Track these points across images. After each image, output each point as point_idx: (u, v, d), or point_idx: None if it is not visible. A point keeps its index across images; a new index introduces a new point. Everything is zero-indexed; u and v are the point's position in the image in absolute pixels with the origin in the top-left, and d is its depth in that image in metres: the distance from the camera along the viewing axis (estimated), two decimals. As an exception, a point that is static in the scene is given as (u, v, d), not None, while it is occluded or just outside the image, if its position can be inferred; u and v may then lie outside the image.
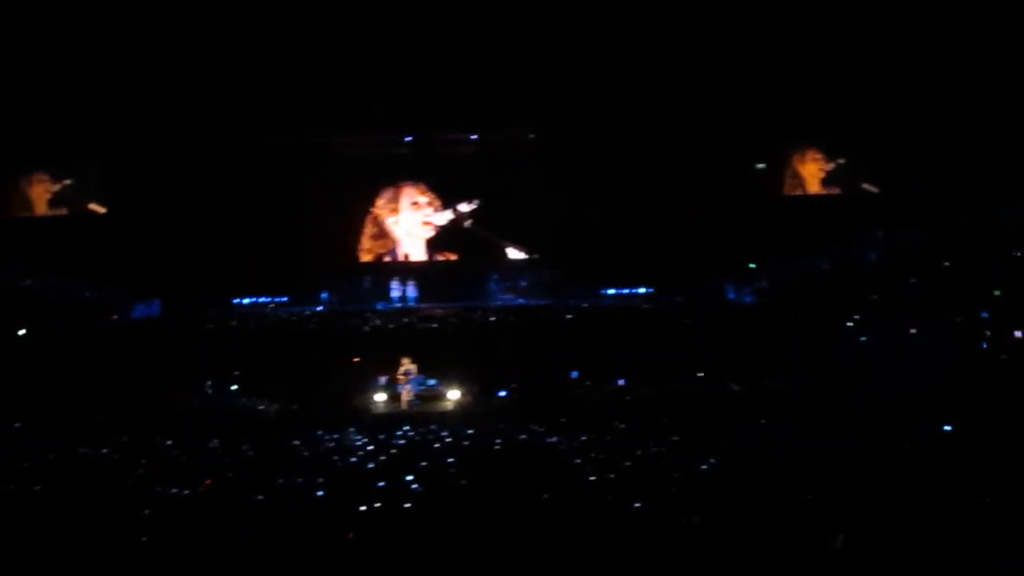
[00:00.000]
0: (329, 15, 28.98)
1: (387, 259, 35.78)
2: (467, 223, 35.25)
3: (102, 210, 33.53)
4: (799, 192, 34.16)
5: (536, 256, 35.27)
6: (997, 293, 25.79)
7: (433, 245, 35.87)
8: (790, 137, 33.94)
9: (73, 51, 29.15)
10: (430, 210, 35.71)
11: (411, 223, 35.90)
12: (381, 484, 13.74)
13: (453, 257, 35.73)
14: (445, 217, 35.50)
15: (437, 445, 19.09)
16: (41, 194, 33.83)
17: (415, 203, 35.83)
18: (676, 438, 18.99)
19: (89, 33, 28.71)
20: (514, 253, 35.21)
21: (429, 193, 35.79)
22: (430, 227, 35.73)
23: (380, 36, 29.65)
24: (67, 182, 33.78)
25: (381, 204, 35.93)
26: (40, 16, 27.92)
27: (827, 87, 30.56)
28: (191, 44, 29.56)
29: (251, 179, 33.89)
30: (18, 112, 30.36)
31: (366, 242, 35.86)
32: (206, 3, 28.69)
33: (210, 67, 30.40)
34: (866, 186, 33.04)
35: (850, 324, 26.29)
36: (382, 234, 36.01)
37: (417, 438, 20.46)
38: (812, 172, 34.18)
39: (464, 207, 35.22)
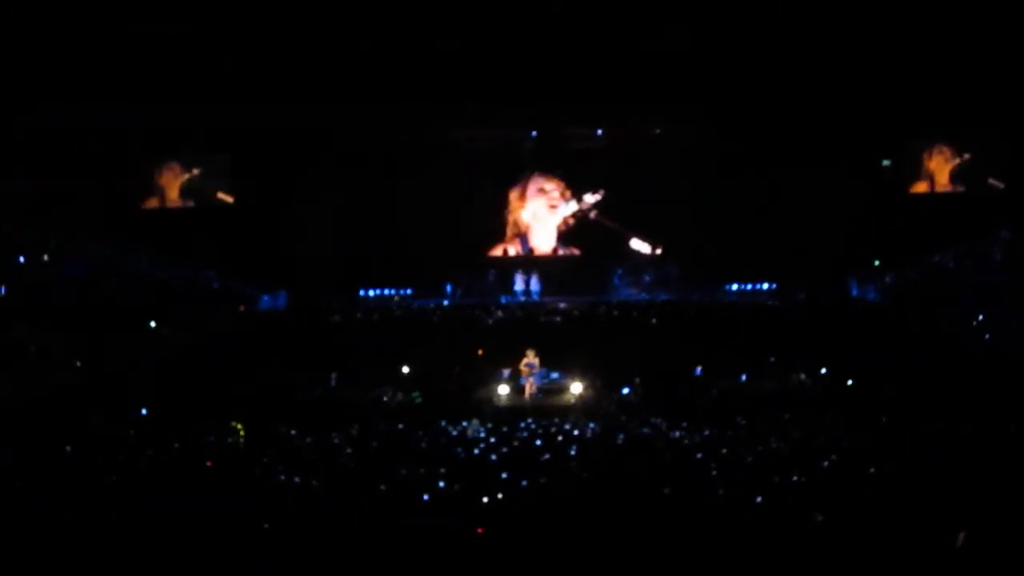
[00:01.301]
0: (459, 14, 29.13)
1: (511, 252, 35.92)
2: (592, 217, 35.29)
3: (230, 200, 34.01)
4: (924, 189, 33.78)
5: (660, 251, 35.22)
6: None
7: (557, 239, 35.96)
8: (916, 134, 33.55)
9: (205, 43, 29.57)
10: (555, 205, 35.80)
11: (536, 217, 36.03)
12: (504, 476, 13.78)
13: (577, 251, 35.78)
14: (570, 211, 35.57)
15: (560, 438, 19.11)
16: (172, 184, 34.44)
17: (540, 197, 35.95)
18: (798, 434, 18.86)
19: (219, 27, 29.11)
20: (638, 247, 35.17)
21: (554, 188, 35.89)
22: (555, 221, 35.82)
23: (510, 33, 29.76)
24: (196, 172, 34.32)
25: (506, 198, 36.11)
26: (170, 11, 28.35)
27: (953, 82, 30.17)
28: (319, 39, 29.88)
29: (378, 172, 34.17)
30: (151, 102, 30.85)
31: (490, 235, 36.03)
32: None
33: (339, 62, 30.70)
34: (992, 182, 32.60)
35: (976, 323, 25.90)
36: (507, 228, 36.19)
37: (539, 431, 20.48)
38: (937, 169, 33.77)
39: (589, 201, 35.27)
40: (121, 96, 30.01)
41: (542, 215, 36.00)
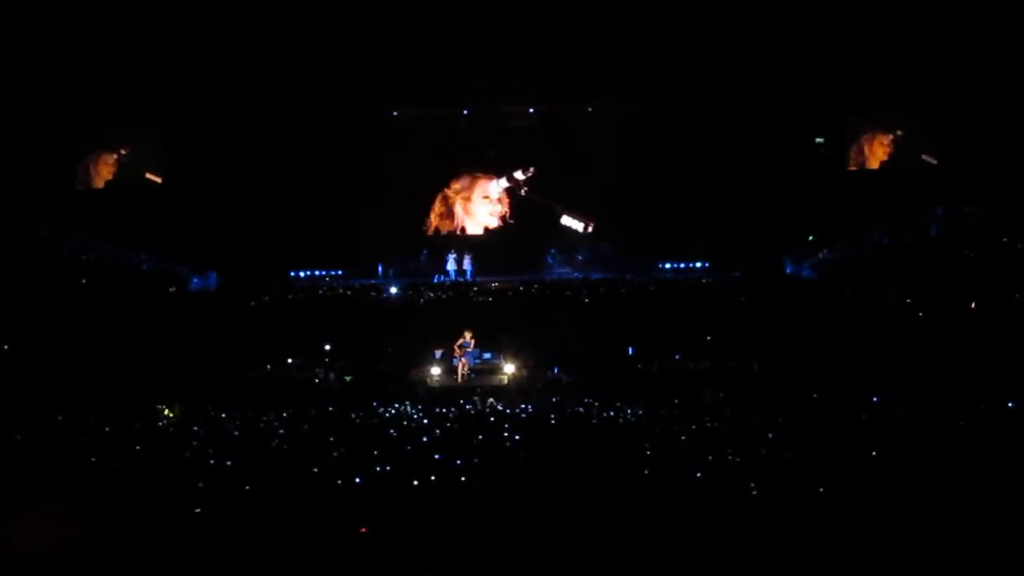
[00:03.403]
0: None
1: (444, 232, 35.82)
2: (524, 195, 35.24)
3: (159, 180, 33.72)
4: (859, 166, 33.92)
5: (592, 229, 35.22)
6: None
7: (491, 218, 35.88)
8: (850, 111, 33.68)
9: (137, 23, 29.29)
10: (488, 183, 35.72)
11: (469, 196, 35.93)
12: (437, 457, 13.70)
13: (510, 231, 35.70)
14: (503, 190, 35.49)
15: (493, 419, 19.05)
16: (101, 164, 34.07)
17: (473, 176, 35.85)
18: (732, 413, 18.90)
19: (151, 7, 28.85)
20: (571, 225, 35.15)
21: (487, 166, 35.78)
22: (488, 200, 35.74)
23: (443, 8, 29.62)
24: (126, 152, 33.98)
25: (438, 177, 35.96)
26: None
27: (886, 60, 30.28)
28: (252, 16, 29.65)
29: (309, 152, 33.98)
30: (82, 81, 30.57)
31: (422, 215, 35.91)
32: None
33: (270, 43, 30.52)
34: (926, 158, 32.77)
35: (910, 300, 26.02)
36: (439, 207, 36.07)
37: (473, 411, 20.44)
38: (872, 146, 33.91)
39: (519, 178, 35.20)
40: (52, 74, 29.79)
41: (472, 203, 35.91)
